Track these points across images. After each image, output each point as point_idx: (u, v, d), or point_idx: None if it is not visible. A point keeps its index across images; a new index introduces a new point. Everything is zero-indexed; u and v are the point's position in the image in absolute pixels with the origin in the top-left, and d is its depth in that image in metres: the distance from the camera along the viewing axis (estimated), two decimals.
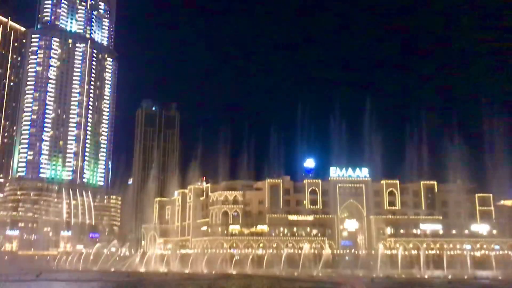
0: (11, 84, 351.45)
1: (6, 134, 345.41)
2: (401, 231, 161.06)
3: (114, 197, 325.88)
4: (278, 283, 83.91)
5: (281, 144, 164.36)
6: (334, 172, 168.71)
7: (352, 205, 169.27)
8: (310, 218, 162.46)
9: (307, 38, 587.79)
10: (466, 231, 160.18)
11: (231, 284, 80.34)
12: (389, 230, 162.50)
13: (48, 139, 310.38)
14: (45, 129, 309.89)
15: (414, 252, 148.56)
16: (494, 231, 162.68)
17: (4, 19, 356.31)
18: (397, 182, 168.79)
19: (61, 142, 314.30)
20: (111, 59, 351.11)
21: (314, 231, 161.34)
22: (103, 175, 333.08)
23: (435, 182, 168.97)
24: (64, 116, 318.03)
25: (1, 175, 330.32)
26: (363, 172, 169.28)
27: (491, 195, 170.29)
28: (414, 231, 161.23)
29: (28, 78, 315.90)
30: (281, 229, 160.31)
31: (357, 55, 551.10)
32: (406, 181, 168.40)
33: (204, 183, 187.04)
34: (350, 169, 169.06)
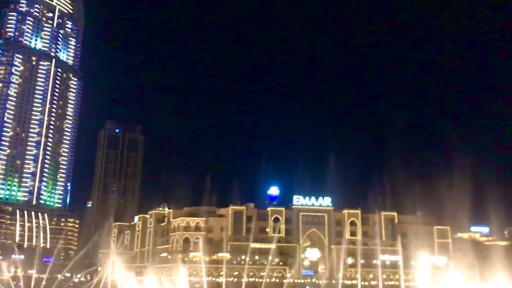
0: None
1: None
2: (362, 261, 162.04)
3: (72, 220, 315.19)
4: None
5: (246, 171, 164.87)
6: (297, 201, 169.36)
7: (314, 234, 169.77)
8: (273, 246, 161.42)
9: (271, 65, 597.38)
10: (424, 263, 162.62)
11: None
12: (349, 260, 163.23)
13: (4, 158, 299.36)
14: (1, 147, 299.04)
15: (374, 282, 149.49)
16: (451, 263, 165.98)
17: None
18: (359, 212, 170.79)
19: (18, 162, 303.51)
20: (76, 79, 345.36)
21: (276, 260, 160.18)
22: (61, 197, 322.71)
23: (395, 213, 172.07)
24: (23, 134, 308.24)
25: None
26: (326, 201, 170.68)
27: (448, 227, 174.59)
28: (374, 261, 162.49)
29: None
30: (243, 257, 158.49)
31: (323, 85, 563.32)
32: (367, 211, 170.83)
33: (166, 208, 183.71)
34: (313, 198, 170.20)
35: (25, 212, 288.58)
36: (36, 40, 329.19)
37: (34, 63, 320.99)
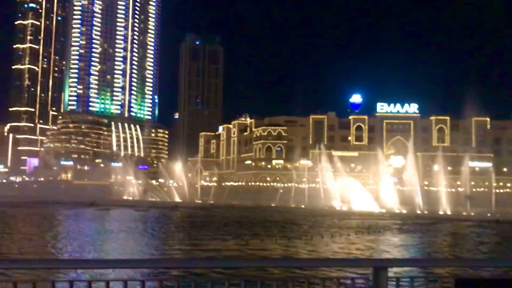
0: (59, 18, 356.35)
1: (56, 69, 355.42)
2: (449, 168, 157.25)
3: (161, 131, 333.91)
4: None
5: (328, 79, 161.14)
6: (381, 108, 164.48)
7: (398, 141, 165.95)
8: (355, 154, 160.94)
9: None
10: None
11: (275, 215, 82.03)
12: (436, 167, 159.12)
13: (96, 73, 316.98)
14: (92, 63, 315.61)
15: (461, 189, 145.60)
16: None
17: None
18: (448, 118, 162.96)
19: (108, 77, 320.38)
20: None
21: (359, 167, 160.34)
22: (150, 109, 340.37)
23: (488, 119, 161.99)
24: (110, 50, 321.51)
25: (54, 108, 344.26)
26: (412, 108, 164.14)
27: None
28: (463, 168, 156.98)
29: (74, 12, 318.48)
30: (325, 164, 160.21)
31: None
32: (457, 117, 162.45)
33: (248, 118, 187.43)
34: (398, 105, 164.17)
35: (119, 124, 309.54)
36: None
37: None
